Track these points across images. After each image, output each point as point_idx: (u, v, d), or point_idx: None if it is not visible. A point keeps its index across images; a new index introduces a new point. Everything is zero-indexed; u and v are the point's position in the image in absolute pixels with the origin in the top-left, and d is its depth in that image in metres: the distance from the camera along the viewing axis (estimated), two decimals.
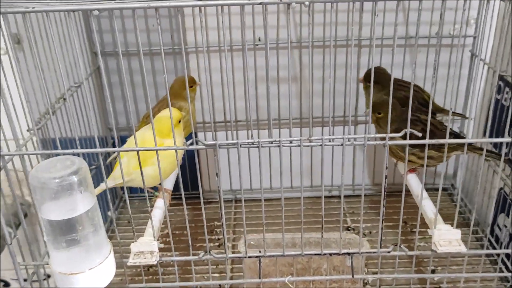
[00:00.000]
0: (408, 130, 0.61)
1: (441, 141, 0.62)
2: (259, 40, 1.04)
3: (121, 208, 1.14)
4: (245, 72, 0.61)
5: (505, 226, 0.94)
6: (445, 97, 1.07)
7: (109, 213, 1.10)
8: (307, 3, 0.55)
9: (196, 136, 1.12)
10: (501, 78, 0.96)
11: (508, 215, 0.93)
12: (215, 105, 1.07)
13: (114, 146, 1.12)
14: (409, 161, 0.81)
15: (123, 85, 1.08)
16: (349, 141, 0.61)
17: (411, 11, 1.03)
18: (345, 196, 1.16)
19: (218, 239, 1.01)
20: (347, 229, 1.05)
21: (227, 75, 0.68)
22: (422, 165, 0.81)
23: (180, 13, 0.58)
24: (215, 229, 1.05)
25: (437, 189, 1.17)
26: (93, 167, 0.94)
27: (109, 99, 0.58)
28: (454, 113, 1.05)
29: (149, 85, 1.07)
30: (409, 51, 1.07)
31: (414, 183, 0.80)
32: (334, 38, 1.03)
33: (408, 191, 0.82)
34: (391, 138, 0.61)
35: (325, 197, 1.16)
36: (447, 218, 0.76)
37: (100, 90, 1.08)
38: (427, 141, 0.62)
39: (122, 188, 0.99)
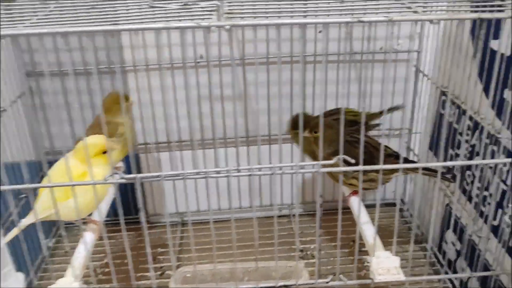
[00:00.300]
0: (341, 156, 0.59)
1: (376, 167, 0.60)
2: (201, 57, 1.00)
3: (59, 236, 1.07)
4: (187, 91, 0.58)
5: (453, 244, 0.93)
6: (391, 113, 1.06)
7: (44, 242, 1.04)
8: (227, 27, 0.51)
9: (138, 158, 1.09)
10: (444, 93, 0.95)
11: (455, 232, 0.92)
12: (156, 125, 1.03)
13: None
14: (351, 184, 0.79)
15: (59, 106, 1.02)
16: (280, 169, 0.58)
17: (355, 26, 1.01)
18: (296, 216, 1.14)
19: (161, 267, 0.97)
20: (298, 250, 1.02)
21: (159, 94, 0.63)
22: (365, 188, 0.80)
23: (91, 39, 0.53)
24: (158, 256, 1.00)
25: (387, 204, 1.18)
26: (23, 195, 0.88)
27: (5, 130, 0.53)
28: (390, 109, 1.02)
29: (85, 106, 1.01)
30: (354, 66, 1.05)
31: (356, 206, 0.77)
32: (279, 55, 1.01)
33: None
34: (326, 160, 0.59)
35: (276, 216, 1.14)
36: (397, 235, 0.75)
37: (32, 112, 1.02)
38: (361, 167, 0.60)
39: None
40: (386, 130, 1.09)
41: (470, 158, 0.85)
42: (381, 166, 0.60)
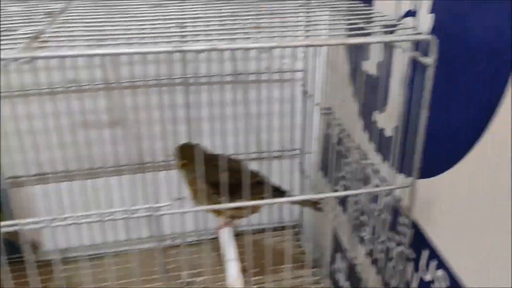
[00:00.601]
0: (180, 198, 0.54)
1: (220, 206, 0.55)
2: (73, 82, 0.92)
3: None
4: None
5: (340, 270, 0.91)
6: (281, 133, 1.04)
7: None
8: (25, 59, 0.45)
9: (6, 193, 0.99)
10: (326, 114, 0.93)
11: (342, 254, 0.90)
12: (27, 155, 0.94)
13: None
14: (218, 212, 0.74)
15: None
16: (111, 215, 0.52)
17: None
18: (188, 245, 1.07)
19: None
20: (183, 284, 0.96)
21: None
22: (234, 217, 0.75)
23: None
24: None
25: (284, 227, 1.14)
26: None
27: None
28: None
29: None
30: (240, 87, 1.01)
31: (225, 239, 0.72)
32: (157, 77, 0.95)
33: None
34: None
35: (167, 247, 1.07)
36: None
37: None
38: (206, 207, 0.55)
39: None
40: (278, 152, 1.07)
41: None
42: (226, 205, 0.55)
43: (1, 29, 0.55)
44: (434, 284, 0.57)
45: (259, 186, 0.73)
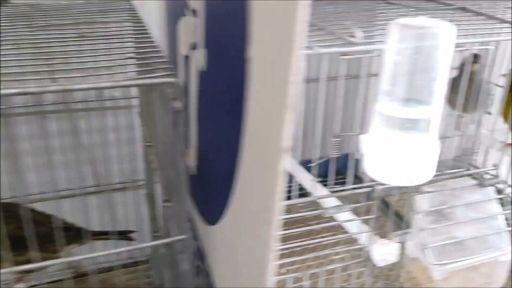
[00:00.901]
0: None
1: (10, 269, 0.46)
2: None
3: None
4: None
5: None
6: (123, 164, 0.95)
7: None
8: None
9: None
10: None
11: None
12: None
13: None
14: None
15: None
16: None
17: (61, 72, 0.88)
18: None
19: None
20: None
21: None
22: (29, 271, 0.67)
23: None
24: None
25: (137, 263, 1.06)
26: None
27: None
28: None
29: None
30: (69, 117, 0.92)
31: None
32: None
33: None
34: None
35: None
36: None
37: None
38: None
39: None
40: (119, 184, 0.98)
41: None
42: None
43: None
44: None
45: (59, 232, 0.65)
